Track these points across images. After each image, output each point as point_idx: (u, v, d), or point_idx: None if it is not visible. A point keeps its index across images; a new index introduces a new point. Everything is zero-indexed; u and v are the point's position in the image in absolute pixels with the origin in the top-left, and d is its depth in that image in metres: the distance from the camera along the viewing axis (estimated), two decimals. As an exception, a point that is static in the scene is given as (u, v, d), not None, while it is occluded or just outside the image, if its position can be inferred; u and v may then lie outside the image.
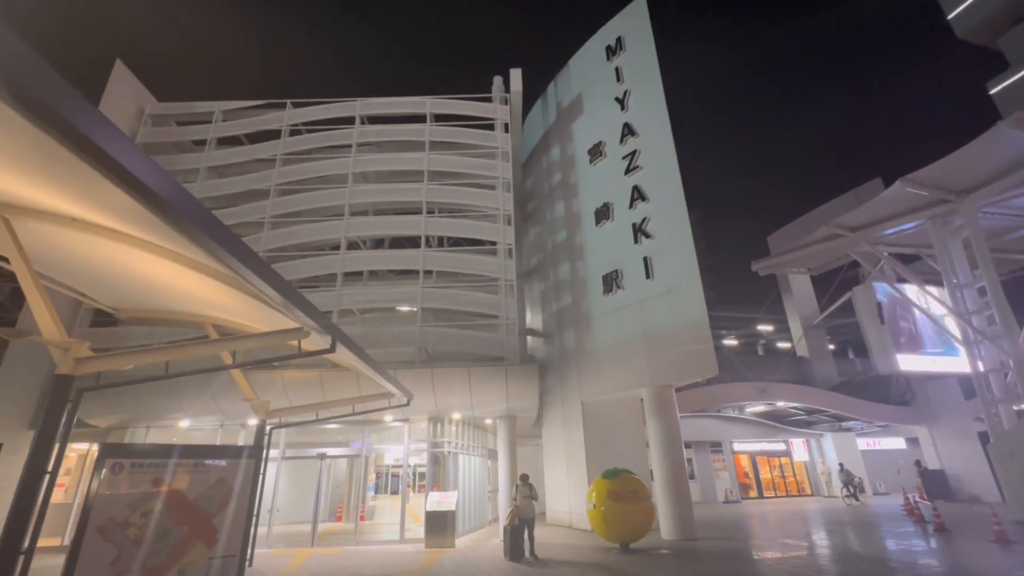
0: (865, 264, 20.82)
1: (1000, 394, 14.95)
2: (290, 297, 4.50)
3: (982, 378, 15.35)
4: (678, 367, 12.40)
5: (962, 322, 15.93)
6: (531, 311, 19.08)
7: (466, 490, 14.33)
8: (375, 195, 16.97)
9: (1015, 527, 11.63)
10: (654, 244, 13.61)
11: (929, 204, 16.01)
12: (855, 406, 22.27)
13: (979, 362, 15.49)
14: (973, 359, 15.63)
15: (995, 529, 10.07)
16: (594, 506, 10.73)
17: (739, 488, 23.63)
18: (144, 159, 2.62)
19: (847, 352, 34.56)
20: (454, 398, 13.72)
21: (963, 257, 16.43)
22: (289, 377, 13.36)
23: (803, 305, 27.93)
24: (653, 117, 14.52)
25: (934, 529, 11.79)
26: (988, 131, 12.97)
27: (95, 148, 2.22)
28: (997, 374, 15.15)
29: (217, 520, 4.77)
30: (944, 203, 15.69)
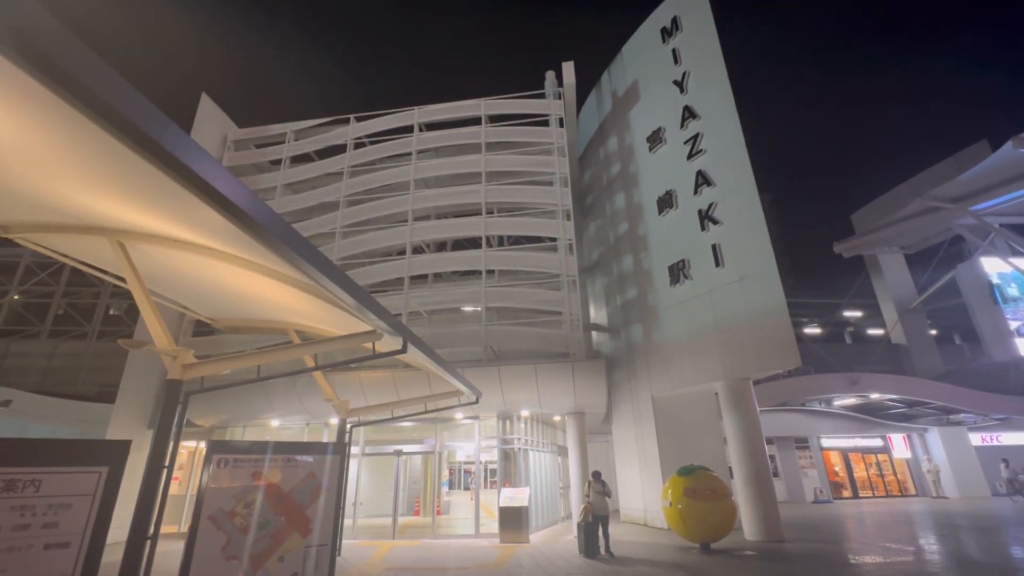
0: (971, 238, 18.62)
1: None
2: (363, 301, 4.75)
3: None
4: (755, 358, 11.73)
5: (1099, 298, 13.83)
6: (595, 306, 18.83)
7: (538, 486, 14.43)
8: (436, 199, 17.48)
9: None
10: (723, 230, 12.96)
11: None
12: (965, 397, 19.98)
13: (1124, 344, 13.37)
14: (1116, 341, 13.52)
15: None
16: (671, 504, 10.42)
17: (830, 487, 21.99)
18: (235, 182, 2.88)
19: (952, 338, 31.05)
20: (521, 395, 13.85)
21: (1097, 223, 14.27)
22: (365, 378, 14.09)
23: (897, 287, 25.45)
24: (716, 97, 13.82)
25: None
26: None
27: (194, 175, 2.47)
28: None
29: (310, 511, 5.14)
30: (1069, 163, 13.71)
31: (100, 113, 2.05)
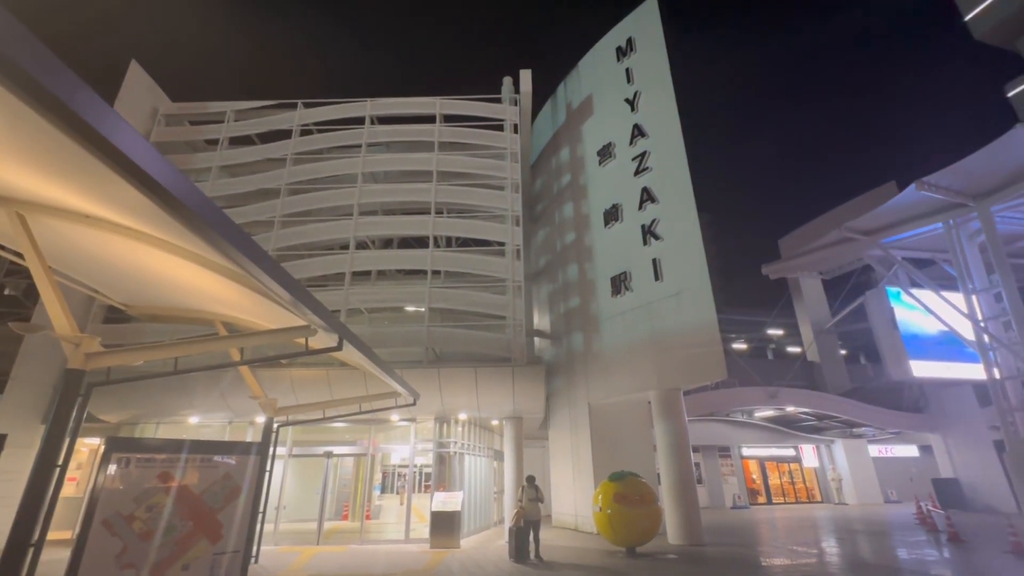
0: (879, 268, 20.55)
1: (1017, 402, 14.67)
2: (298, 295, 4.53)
3: (998, 385, 15.08)
4: (686, 370, 12.30)
5: (977, 328, 15.66)
6: (539, 312, 19.05)
7: (472, 491, 14.33)
8: (384, 195, 17.06)
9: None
10: (663, 246, 13.53)
11: (945, 208, 15.78)
12: (867, 412, 21.98)
13: (995, 369, 15.21)
14: (989, 366, 15.36)
15: (1012, 540, 9.87)
16: (600, 509, 10.67)
17: (747, 493, 23.41)
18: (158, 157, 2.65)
19: (859, 358, 34.13)
20: (460, 398, 13.73)
21: (979, 262, 16.17)
22: (297, 375, 13.45)
23: (814, 309, 27.64)
24: (663, 118, 14.45)
25: (947, 539, 11.59)
26: (1005, 134, 12.76)
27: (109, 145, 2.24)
28: (1014, 381, 14.87)
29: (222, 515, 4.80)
30: (960, 207, 15.46)
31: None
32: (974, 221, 15.65)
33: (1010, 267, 14.95)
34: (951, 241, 16.30)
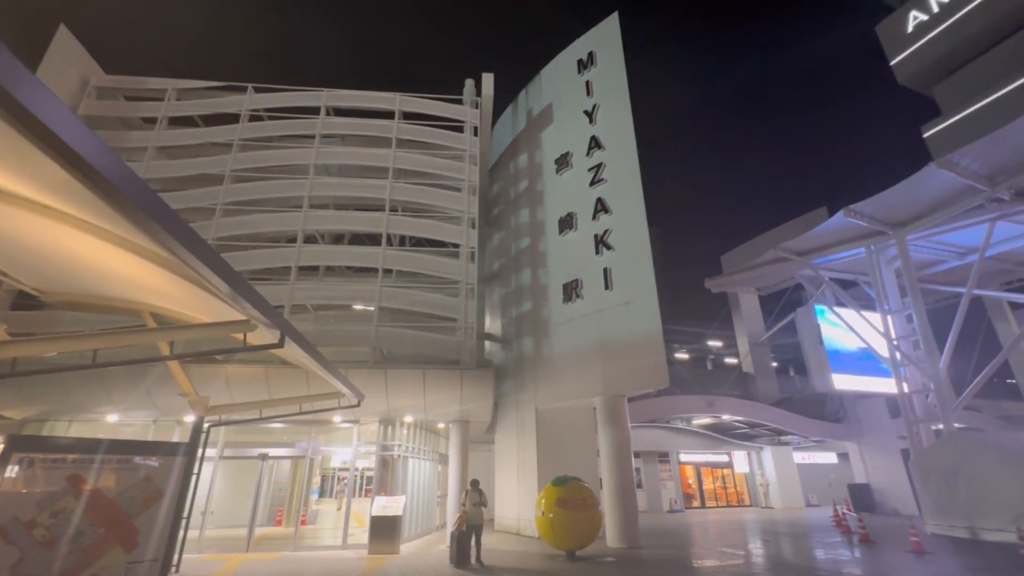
0: (808, 287, 22.04)
1: (921, 414, 16.11)
2: (238, 287, 4.29)
3: (906, 399, 16.50)
4: (631, 377, 12.66)
5: (891, 346, 17.09)
6: (490, 316, 19.05)
7: (415, 495, 14.06)
8: (337, 189, 16.53)
9: (930, 539, 12.52)
10: (614, 256, 13.89)
11: (868, 234, 17.14)
12: (793, 421, 23.45)
13: (904, 384, 16.65)
14: (899, 381, 16.79)
15: (912, 540, 10.79)
16: (543, 513, 10.76)
17: (683, 498, 24.34)
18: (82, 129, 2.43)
19: (789, 370, 36.39)
20: (407, 400, 13.47)
21: (895, 285, 17.66)
22: (232, 372, 12.74)
23: (751, 323, 29.23)
24: (619, 132, 14.88)
25: (859, 540, 12.51)
26: (920, 171, 14.04)
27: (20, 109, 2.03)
28: (920, 396, 16.32)
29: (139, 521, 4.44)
30: (881, 234, 16.84)
31: None
32: (892, 248, 17.11)
33: (920, 291, 16.46)
34: (871, 265, 17.74)
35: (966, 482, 12.91)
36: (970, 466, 12.91)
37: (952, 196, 14.96)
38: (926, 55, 25.39)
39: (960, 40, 24.17)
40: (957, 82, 24.88)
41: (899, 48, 26.48)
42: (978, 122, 22.22)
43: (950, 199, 15.07)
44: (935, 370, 15.37)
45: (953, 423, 14.89)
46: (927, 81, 26.17)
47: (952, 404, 15.04)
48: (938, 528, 13.48)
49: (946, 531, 13.20)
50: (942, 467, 13.59)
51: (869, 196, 15.49)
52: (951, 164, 13.50)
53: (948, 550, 10.94)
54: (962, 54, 24.60)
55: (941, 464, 13.66)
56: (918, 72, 26.01)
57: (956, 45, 24.38)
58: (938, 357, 15.61)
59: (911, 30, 25.96)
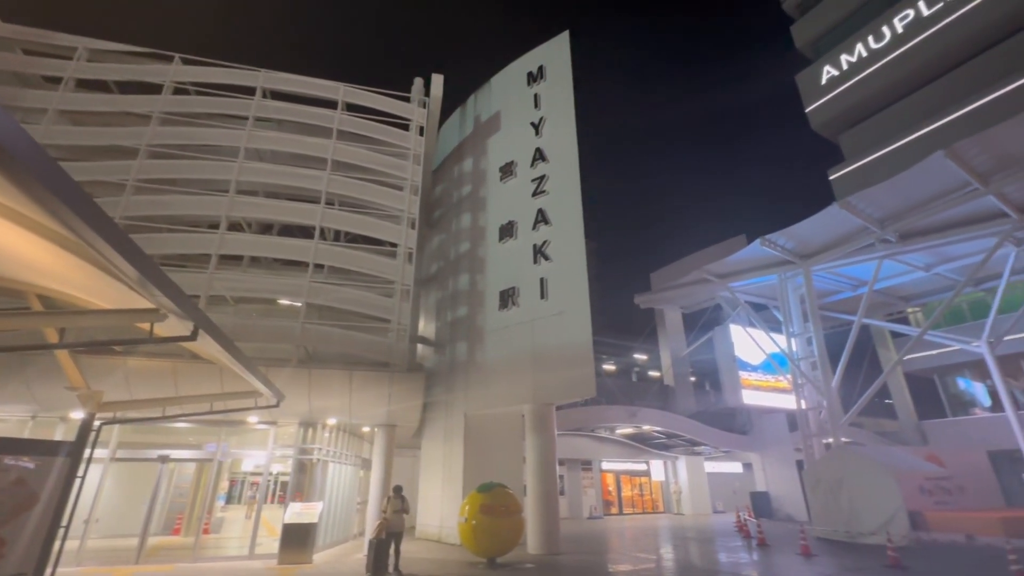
0: (726, 308, 23.70)
1: (815, 429, 17.76)
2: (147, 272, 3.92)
3: (803, 414, 18.15)
4: (561, 386, 12.94)
5: (793, 366, 18.74)
6: (425, 319, 18.75)
7: (333, 501, 13.46)
8: (268, 176, 15.61)
9: (817, 542, 13.78)
10: (551, 266, 14.19)
11: (779, 263, 18.75)
12: (707, 433, 24.99)
13: (802, 401, 18.30)
14: (798, 398, 18.43)
15: (801, 544, 11.83)
16: (466, 520, 10.68)
17: (603, 504, 25.12)
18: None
19: (705, 385, 38.81)
20: (331, 402, 12.91)
21: (799, 311, 19.42)
22: (135, 366, 11.59)
23: (674, 339, 30.89)
24: (563, 147, 15.28)
25: (757, 543, 13.53)
26: (825, 209, 15.61)
27: None
28: (814, 412, 18.01)
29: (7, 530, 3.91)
30: (790, 263, 18.48)
31: None
32: (798, 276, 18.84)
33: (820, 317, 18.23)
34: (780, 291, 19.44)
35: (847, 491, 14.37)
36: (851, 477, 14.39)
37: (850, 234, 16.73)
38: (834, 106, 28.37)
39: (862, 97, 27.25)
40: (858, 134, 28.00)
41: (813, 98, 29.39)
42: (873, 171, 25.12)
43: (848, 237, 16.84)
44: (828, 389, 17.05)
45: (840, 437, 16.55)
46: (835, 130, 29.24)
47: (840, 420, 16.73)
48: (823, 533, 14.88)
49: (830, 535, 14.60)
50: (829, 477, 15.03)
51: (783, 228, 16.97)
52: (850, 206, 15.12)
53: (830, 552, 12.11)
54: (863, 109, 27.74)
55: (828, 474, 15.11)
56: (828, 120, 29.00)
57: (858, 101, 27.46)
58: (831, 377, 17.32)
59: (824, 82, 28.92)
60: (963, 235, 15.55)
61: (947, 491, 15.23)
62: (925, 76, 25.08)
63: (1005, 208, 14.02)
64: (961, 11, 23.60)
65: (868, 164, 26.33)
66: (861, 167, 26.67)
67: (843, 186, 26.87)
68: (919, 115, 24.76)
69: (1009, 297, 19.29)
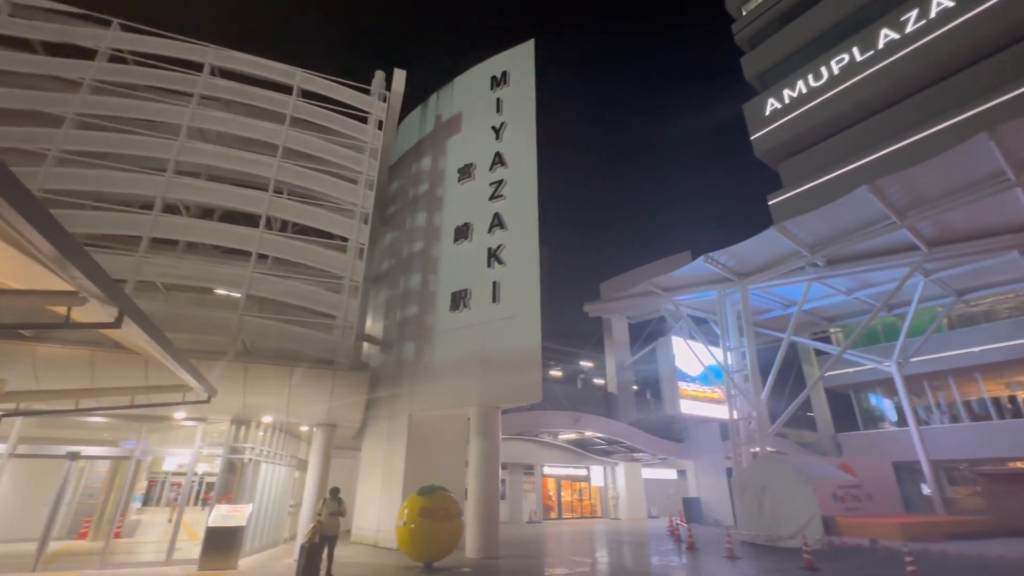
0: (670, 320, 24.67)
1: (744, 438, 18.79)
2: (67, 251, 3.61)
3: (734, 424, 19.16)
4: (508, 390, 13.00)
5: (728, 378, 19.77)
6: (372, 317, 18.31)
7: (263, 503, 12.82)
8: (212, 158, 14.78)
9: (741, 546, 14.55)
10: (504, 270, 14.26)
11: (719, 280, 19.74)
12: (646, 440, 25.85)
13: (734, 411, 19.32)
14: (730, 408, 19.44)
15: (727, 547, 12.46)
16: (404, 523, 10.49)
17: (543, 509, 25.38)
18: None
19: (646, 393, 40.14)
20: (268, 399, 12.32)
21: (735, 326, 20.52)
22: (45, 353, 10.57)
23: (619, 348, 31.77)
24: (523, 153, 15.43)
25: (686, 547, 14.11)
26: (762, 232, 16.62)
27: None
28: (745, 422, 19.05)
29: None
30: (729, 281, 19.51)
31: None
32: (736, 294, 19.92)
33: (754, 333, 19.36)
34: (720, 307, 20.48)
35: (770, 497, 15.28)
36: (773, 484, 15.32)
37: (784, 257, 17.89)
38: (776, 137, 30.34)
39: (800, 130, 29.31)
40: (795, 164, 30.05)
41: (757, 127, 31.29)
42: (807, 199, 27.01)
43: (782, 259, 18.00)
44: (758, 401, 18.10)
45: (766, 447, 17.60)
46: (775, 158, 31.24)
47: (767, 430, 17.80)
48: (748, 536, 15.73)
49: (754, 539, 15.45)
50: (754, 484, 15.93)
51: (726, 247, 17.91)
52: (785, 230, 16.18)
53: (753, 555, 12.82)
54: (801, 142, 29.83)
55: (753, 481, 16.01)
56: (769, 149, 30.95)
57: (797, 134, 29.51)
58: (761, 390, 18.41)
59: (768, 113, 30.86)
60: (880, 264, 17.01)
61: (856, 498, 16.55)
62: (857, 115, 27.33)
63: (917, 242, 15.48)
64: (888, 60, 25.93)
65: (803, 192, 28.32)
66: (797, 195, 28.64)
67: (780, 211, 28.75)
68: (850, 151, 26.94)
69: (917, 322, 21.29)
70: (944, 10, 24.54)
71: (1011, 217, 14.31)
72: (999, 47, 23.07)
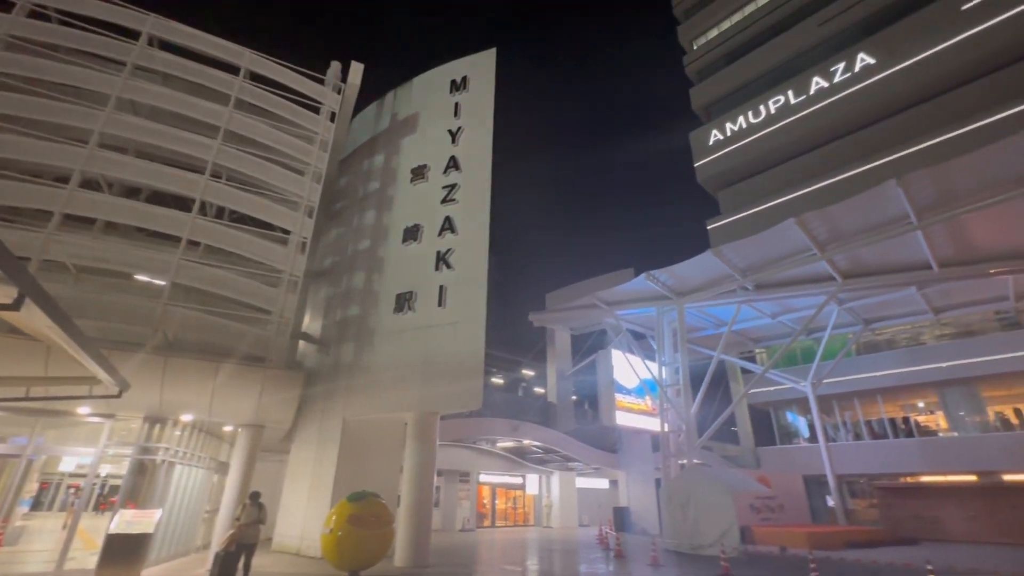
0: (611, 333, 25.41)
1: (673, 450, 19.61)
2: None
3: (665, 436, 19.96)
4: (448, 396, 12.87)
5: (661, 392, 20.60)
6: (311, 315, 17.57)
7: (176, 508, 11.89)
8: (143, 133, 13.73)
9: (665, 554, 15.12)
10: (452, 275, 14.17)
11: (659, 297, 20.60)
12: (582, 450, 26.36)
13: (665, 424, 20.14)
14: (662, 421, 20.26)
15: (652, 555, 12.91)
16: (331, 531, 10.05)
17: (476, 517, 25.21)
18: None
19: (584, 404, 41.01)
20: (189, 396, 11.51)
21: (671, 342, 21.47)
22: (-78, 334, 9.35)
23: (561, 358, 32.34)
24: (478, 159, 15.46)
25: (614, 555, 14.48)
26: (701, 254, 17.55)
27: None
28: (675, 434, 19.89)
29: None
30: (668, 299, 20.41)
31: None
32: (673, 312, 20.87)
33: (687, 349, 20.34)
34: (658, 323, 21.37)
35: (694, 507, 16.01)
36: (697, 494, 16.07)
37: (718, 279, 18.96)
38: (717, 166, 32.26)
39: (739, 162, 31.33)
40: (733, 193, 32.03)
41: (701, 155, 33.14)
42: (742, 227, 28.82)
43: (716, 281, 19.07)
44: (688, 414, 18.98)
45: (693, 459, 18.46)
46: (716, 186, 33.17)
47: (695, 443, 18.67)
48: (672, 545, 16.37)
49: (677, 548, 16.10)
50: (680, 494, 16.64)
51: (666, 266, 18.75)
52: (720, 254, 17.18)
53: (675, 563, 13.36)
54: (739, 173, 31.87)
55: (679, 492, 16.72)
56: (711, 177, 32.83)
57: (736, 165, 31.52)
58: (691, 404, 19.32)
59: (711, 143, 32.75)
60: (802, 291, 18.42)
61: (771, 509, 17.67)
62: (789, 152, 29.63)
63: (833, 273, 16.90)
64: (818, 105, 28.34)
65: (738, 220, 30.22)
66: (733, 222, 30.52)
67: (718, 236, 30.51)
68: (782, 185, 29.11)
69: (830, 347, 23.16)
70: (866, 66, 27.21)
71: (912, 257, 15.95)
72: (911, 103, 25.87)
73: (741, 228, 28.48)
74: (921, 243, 14.87)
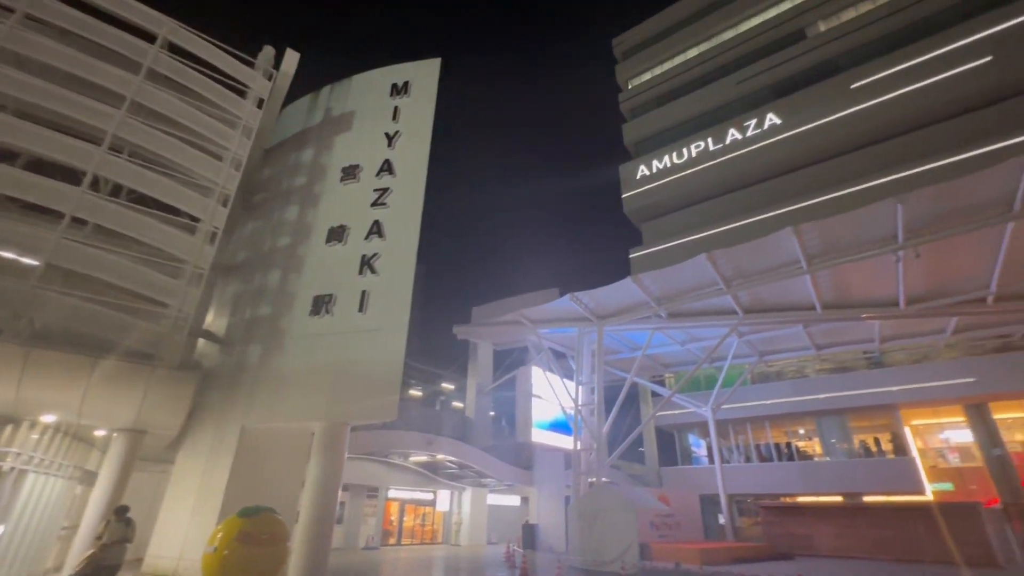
0: (532, 351, 25.81)
1: (584, 468, 20.14)
2: None
3: (577, 454, 20.47)
4: (362, 406, 12.31)
5: (576, 410, 21.19)
6: (216, 311, 16.17)
7: (22, 525, 10.22)
8: (30, 92, 12.07)
9: (569, 571, 15.35)
10: (376, 280, 13.72)
11: (580, 319, 21.31)
12: (496, 466, 26.28)
13: (579, 442, 20.68)
14: (575, 439, 20.79)
15: (557, 572, 13.06)
16: (215, 549, 9.11)
17: (382, 534, 24.16)
18: None
19: (502, 420, 41.09)
20: (54, 394, 10.07)
21: (589, 363, 22.21)
22: None
23: (482, 373, 32.24)
24: (413, 166, 15.24)
25: (520, 573, 14.46)
26: (621, 280, 18.46)
27: None
28: (587, 452, 20.47)
29: None
30: (589, 321, 21.16)
31: None
32: (593, 333, 21.67)
33: (604, 371, 21.16)
34: (578, 344, 22.06)
35: (600, 524, 16.48)
36: (604, 511, 16.58)
37: (636, 305, 20.00)
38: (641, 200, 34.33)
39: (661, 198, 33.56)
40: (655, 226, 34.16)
41: (628, 188, 35.11)
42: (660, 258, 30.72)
43: (634, 307, 20.10)
44: (600, 433, 19.63)
45: (603, 477, 19.06)
46: (640, 218, 35.21)
47: (605, 461, 19.32)
48: (578, 562, 16.68)
49: (581, 564, 16.43)
50: (588, 511, 17.07)
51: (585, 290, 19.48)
52: (639, 281, 18.16)
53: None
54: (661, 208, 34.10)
55: (587, 509, 17.16)
56: (636, 209, 34.83)
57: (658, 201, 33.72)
58: (603, 423, 20.03)
59: (638, 178, 34.82)
60: (708, 322, 19.92)
61: (669, 526, 18.60)
62: (706, 193, 32.26)
63: (736, 307, 18.46)
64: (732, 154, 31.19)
65: (658, 251, 32.21)
66: (653, 252, 32.48)
67: (639, 265, 32.30)
68: (698, 222, 31.52)
69: (729, 375, 25.15)
70: (773, 124, 30.49)
71: (801, 298, 17.85)
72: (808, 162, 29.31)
73: (660, 259, 30.37)
74: (809, 286, 16.69)
